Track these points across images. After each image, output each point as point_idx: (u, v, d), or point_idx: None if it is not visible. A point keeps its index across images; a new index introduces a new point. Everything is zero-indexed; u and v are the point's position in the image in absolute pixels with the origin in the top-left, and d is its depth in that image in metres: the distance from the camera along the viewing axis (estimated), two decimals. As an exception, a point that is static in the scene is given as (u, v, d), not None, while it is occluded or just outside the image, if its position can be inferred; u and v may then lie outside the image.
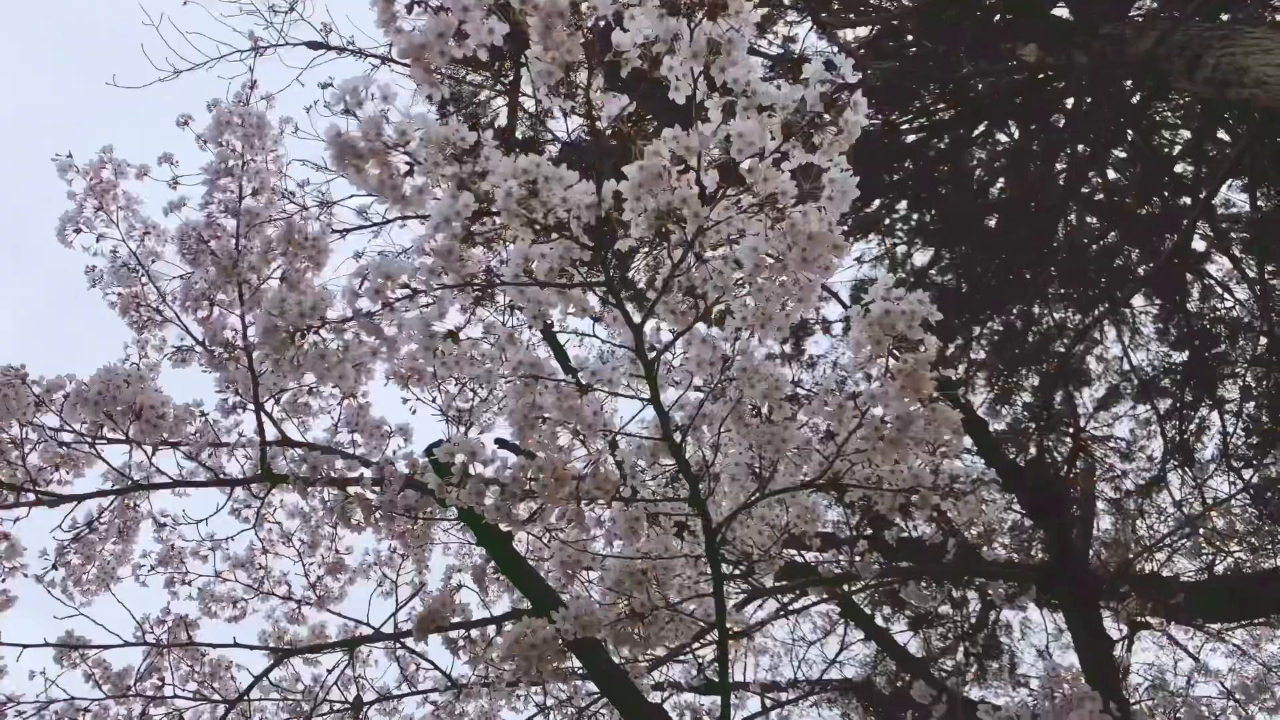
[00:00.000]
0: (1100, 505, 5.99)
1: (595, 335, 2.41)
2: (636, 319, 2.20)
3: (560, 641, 2.51)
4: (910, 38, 6.59)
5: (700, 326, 2.26)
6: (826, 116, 1.92)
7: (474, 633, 3.12)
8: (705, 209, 2.01)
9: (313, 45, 5.35)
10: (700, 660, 4.67)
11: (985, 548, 4.80)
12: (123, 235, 3.44)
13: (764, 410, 2.42)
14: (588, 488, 2.35)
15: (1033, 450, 5.64)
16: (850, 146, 2.01)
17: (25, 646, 2.86)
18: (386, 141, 1.87)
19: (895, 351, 2.20)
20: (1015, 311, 6.60)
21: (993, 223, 6.93)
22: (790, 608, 4.92)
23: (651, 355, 2.26)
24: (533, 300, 2.18)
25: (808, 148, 1.98)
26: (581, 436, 2.41)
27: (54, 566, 3.18)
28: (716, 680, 4.91)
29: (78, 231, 3.41)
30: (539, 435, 2.39)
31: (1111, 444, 6.34)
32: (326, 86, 5.02)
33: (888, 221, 7.19)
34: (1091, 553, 5.32)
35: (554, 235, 2.04)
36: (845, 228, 2.10)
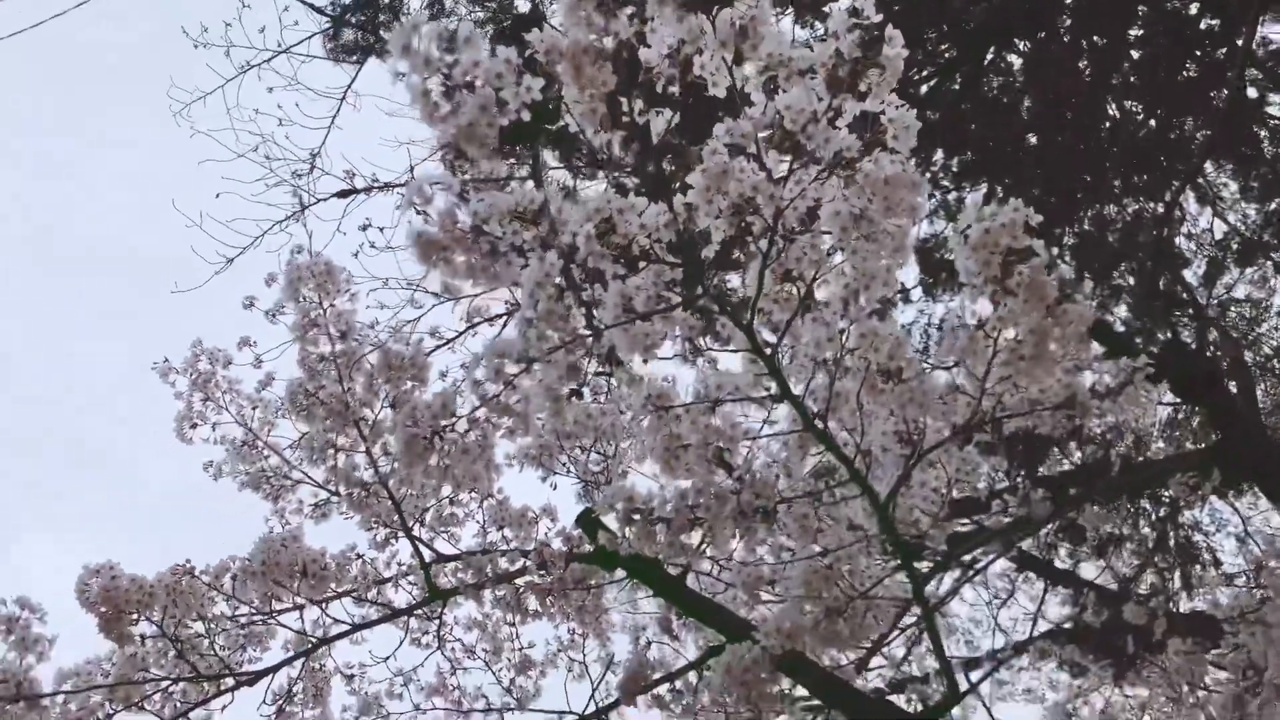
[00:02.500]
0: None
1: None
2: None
3: (769, 659, 2.46)
4: (890, -6, 6.57)
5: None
6: (866, 59, 1.92)
7: (677, 684, 3.08)
8: (777, 189, 2.01)
9: (342, 194, 5.59)
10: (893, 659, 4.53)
11: (1145, 453, 4.60)
12: (235, 417, 3.59)
13: (894, 371, 2.38)
14: (748, 498, 2.33)
15: (1161, 336, 5.42)
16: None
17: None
18: (463, 227, 1.93)
19: (1008, 266, 2.15)
20: (1089, 216, 6.42)
21: (1033, 140, 6.80)
22: (972, 570, 4.76)
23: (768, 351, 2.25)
24: (639, 335, 2.19)
25: (857, 97, 1.98)
26: (726, 452, 2.40)
27: (265, 745, 3.24)
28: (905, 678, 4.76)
29: (194, 426, 3.57)
30: (685, 464, 2.37)
31: (1236, 310, 6.07)
32: (366, 228, 5.23)
33: (928, 175, 7.10)
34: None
35: (641, 264, 2.06)
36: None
